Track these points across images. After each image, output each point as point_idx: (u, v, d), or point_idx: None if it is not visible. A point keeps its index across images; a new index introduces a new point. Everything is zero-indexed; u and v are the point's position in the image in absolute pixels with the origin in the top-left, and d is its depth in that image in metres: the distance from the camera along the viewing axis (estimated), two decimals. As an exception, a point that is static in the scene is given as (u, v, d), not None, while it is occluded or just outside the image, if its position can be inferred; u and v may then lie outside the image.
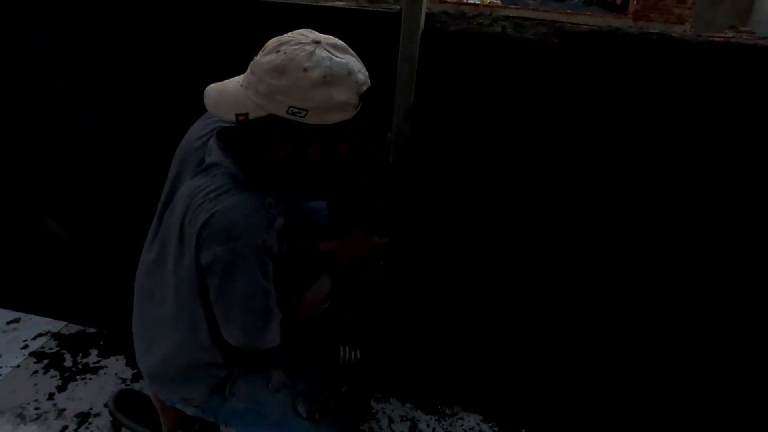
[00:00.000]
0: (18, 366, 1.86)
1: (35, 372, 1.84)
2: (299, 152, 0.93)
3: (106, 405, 1.64)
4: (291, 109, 0.85)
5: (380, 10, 1.31)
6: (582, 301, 1.45)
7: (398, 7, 1.23)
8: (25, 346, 1.95)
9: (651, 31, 1.17)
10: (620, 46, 1.16)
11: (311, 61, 0.84)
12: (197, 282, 0.94)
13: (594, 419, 1.57)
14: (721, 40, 1.14)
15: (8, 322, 2.06)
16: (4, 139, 1.79)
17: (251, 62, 0.89)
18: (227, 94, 0.90)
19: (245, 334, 0.96)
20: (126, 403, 1.54)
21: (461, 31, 1.22)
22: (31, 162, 1.81)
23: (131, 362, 1.86)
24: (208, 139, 1.00)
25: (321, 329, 1.14)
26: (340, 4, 1.37)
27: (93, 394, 1.76)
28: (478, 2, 10.35)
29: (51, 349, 1.94)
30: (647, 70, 1.17)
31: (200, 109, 0.95)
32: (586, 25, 1.24)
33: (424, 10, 1.19)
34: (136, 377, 1.82)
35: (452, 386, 1.73)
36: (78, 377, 1.82)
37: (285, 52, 0.85)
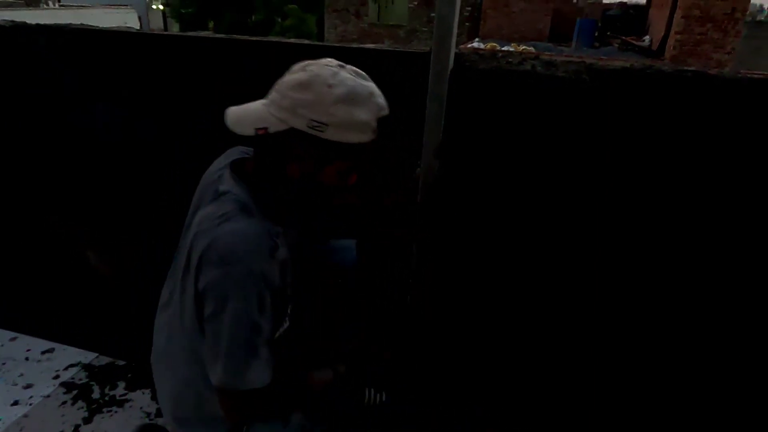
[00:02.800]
0: (48, 396, 1.89)
1: (64, 402, 1.86)
2: (314, 172, 0.93)
3: (128, 439, 1.63)
4: (312, 122, 0.87)
5: (410, 50, 1.34)
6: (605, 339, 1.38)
7: (428, 48, 1.25)
8: (57, 376, 1.98)
9: (687, 68, 1.15)
10: (654, 83, 1.14)
11: (335, 80, 0.88)
12: (197, 312, 0.93)
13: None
14: (761, 77, 1.11)
15: (43, 352, 2.11)
16: (40, 171, 1.88)
17: (275, 84, 0.92)
18: (248, 111, 0.92)
19: (225, 368, 0.89)
20: (148, 438, 1.53)
21: (491, 69, 1.23)
22: (72, 194, 1.89)
23: (156, 396, 1.86)
24: (222, 170, 1.03)
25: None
26: (370, 45, 1.41)
27: (118, 427, 1.76)
28: (512, 50, 10.57)
29: (81, 380, 1.96)
30: (682, 108, 1.14)
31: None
32: (618, 62, 1.23)
33: (453, 50, 1.21)
34: (160, 412, 1.81)
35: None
36: (104, 409, 1.83)
37: (311, 70, 0.89)
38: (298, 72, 0.90)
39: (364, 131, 0.90)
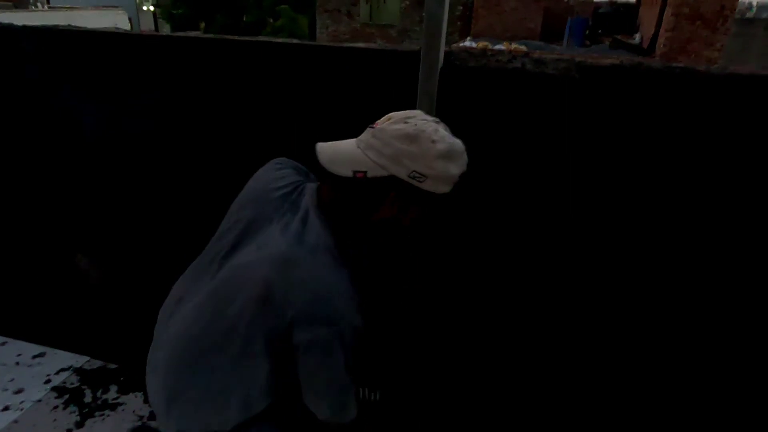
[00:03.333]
0: (39, 401, 1.87)
1: (55, 407, 1.84)
2: (399, 217, 0.99)
3: (121, 443, 1.62)
4: (413, 173, 0.93)
5: (400, 49, 1.34)
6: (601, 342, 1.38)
7: (418, 47, 1.25)
8: (48, 381, 1.96)
9: (675, 64, 1.16)
10: (644, 80, 1.15)
11: (438, 136, 0.94)
12: (273, 346, 0.96)
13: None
14: (749, 72, 1.11)
15: (34, 356, 2.09)
16: (35, 174, 1.86)
17: (373, 128, 0.96)
18: (342, 152, 0.97)
19: (333, 409, 0.99)
20: (140, 441, 1.52)
21: (480, 67, 1.23)
22: (62, 198, 1.87)
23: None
24: (290, 193, 1.04)
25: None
26: (362, 44, 1.41)
27: (110, 431, 1.74)
28: (504, 48, 10.60)
29: (72, 384, 1.95)
30: (672, 105, 1.15)
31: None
32: (608, 59, 1.23)
33: (443, 48, 1.21)
34: (153, 415, 1.79)
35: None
36: (96, 413, 1.82)
37: (416, 124, 0.94)
38: (401, 124, 0.95)
39: (451, 184, 0.97)
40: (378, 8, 14.39)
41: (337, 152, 0.97)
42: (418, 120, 0.96)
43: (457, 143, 0.97)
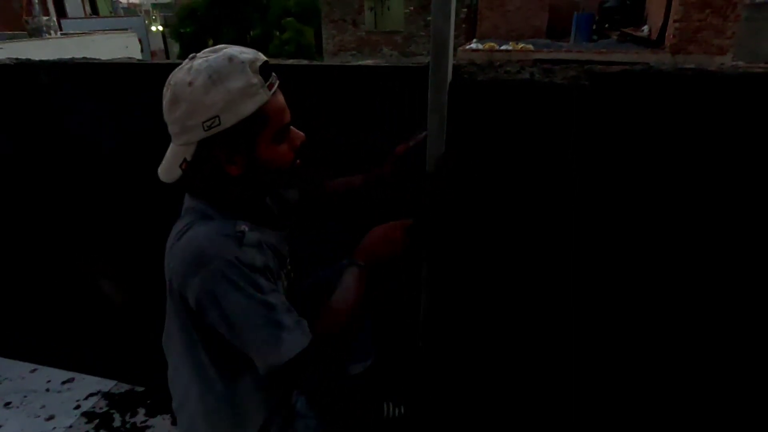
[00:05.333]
0: (70, 426, 1.90)
1: (86, 432, 1.87)
2: (249, 159, 0.91)
3: (151, 467, 1.64)
4: (205, 125, 0.85)
5: (408, 65, 1.35)
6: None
7: (426, 54, 1.25)
8: (78, 406, 1.99)
9: (686, 66, 1.14)
10: (655, 83, 1.14)
11: (190, 74, 0.85)
12: (195, 325, 0.94)
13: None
14: (762, 71, 1.10)
15: (63, 382, 2.13)
16: (58, 203, 1.90)
17: None
18: (166, 158, 0.93)
19: (260, 356, 0.88)
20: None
21: (489, 81, 1.23)
22: (86, 225, 1.91)
23: (176, 422, 1.87)
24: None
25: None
26: (369, 62, 1.42)
27: (140, 455, 1.77)
28: (510, 48, 10.57)
29: (101, 408, 1.98)
30: (685, 108, 1.14)
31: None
32: (621, 63, 1.23)
33: (450, 62, 1.21)
34: (182, 437, 1.82)
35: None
36: (126, 438, 1.84)
37: (170, 83, 0.88)
38: (165, 94, 0.89)
39: (253, 93, 0.86)
40: (382, 15, 14.46)
41: (164, 162, 0.93)
42: (172, 77, 0.88)
43: (218, 58, 0.85)
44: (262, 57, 0.89)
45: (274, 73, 0.91)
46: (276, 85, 0.92)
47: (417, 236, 1.09)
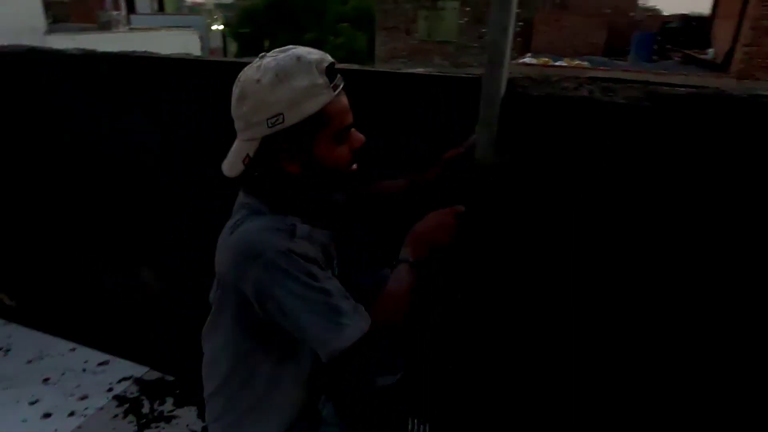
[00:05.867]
0: (101, 408, 1.95)
1: (116, 416, 1.91)
2: (309, 158, 0.92)
3: (174, 457, 1.65)
4: (269, 122, 0.86)
5: (460, 75, 1.31)
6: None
7: (479, 72, 1.22)
8: (110, 389, 2.04)
9: (762, 93, 1.06)
10: (725, 109, 1.06)
11: (260, 71, 0.87)
12: (246, 321, 0.95)
13: None
14: None
15: (98, 364, 2.19)
16: (104, 191, 1.96)
17: None
18: (231, 153, 0.95)
19: (322, 341, 0.87)
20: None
21: (545, 96, 1.18)
22: (132, 214, 1.96)
23: (203, 414, 1.88)
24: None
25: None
26: (420, 70, 1.39)
27: (164, 443, 1.79)
28: (565, 64, 10.34)
29: (132, 393, 2.02)
30: (759, 137, 1.05)
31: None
32: (683, 85, 1.15)
33: (505, 75, 1.17)
34: (206, 430, 1.83)
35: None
36: (152, 425, 1.87)
37: (239, 80, 0.90)
38: (234, 90, 0.91)
39: (316, 93, 0.87)
40: (436, 25, 14.46)
41: (229, 157, 0.95)
42: (241, 74, 0.90)
43: (287, 57, 0.87)
44: (329, 58, 0.90)
45: (339, 75, 0.93)
46: (341, 87, 0.93)
47: (465, 228, 1.08)
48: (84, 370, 2.15)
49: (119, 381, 2.09)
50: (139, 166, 1.86)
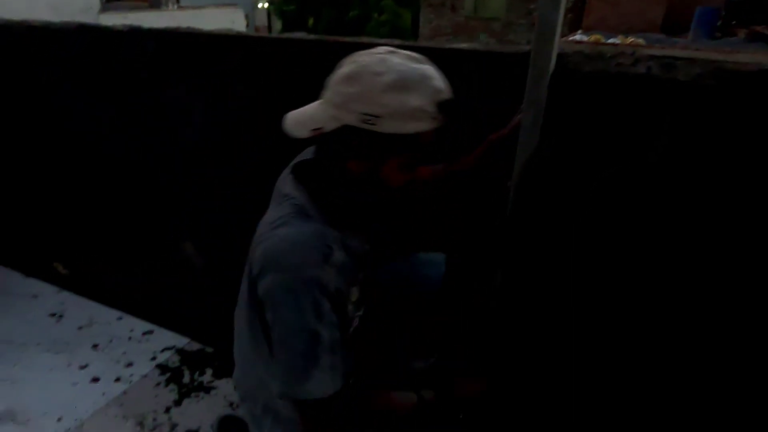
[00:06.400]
0: (145, 375, 2.03)
1: (158, 384, 1.99)
2: (374, 169, 0.87)
3: (211, 427, 1.70)
4: (363, 116, 0.81)
5: (507, 51, 1.25)
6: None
7: (524, 42, 1.15)
8: (154, 358, 2.12)
9: None
10: (801, 89, 0.96)
11: (384, 66, 0.82)
12: (258, 318, 0.94)
13: None
14: None
15: (143, 333, 2.28)
16: (151, 168, 2.00)
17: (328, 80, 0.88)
18: (305, 113, 0.89)
19: (283, 377, 0.88)
20: (227, 428, 1.58)
21: (598, 73, 1.10)
22: (174, 190, 2.00)
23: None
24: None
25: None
26: (464, 45, 1.33)
27: (203, 413, 1.85)
28: (618, 42, 9.83)
29: (174, 363, 2.09)
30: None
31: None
32: (752, 63, 1.05)
33: (555, 50, 1.09)
34: (242, 402, 1.88)
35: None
36: (192, 394, 1.93)
37: (358, 61, 0.84)
38: (347, 65, 0.85)
39: (421, 119, 0.83)
40: (483, 1, 14.02)
41: (301, 115, 0.89)
42: (363, 55, 0.84)
43: (415, 70, 0.82)
44: (449, 94, 0.87)
45: (447, 114, 0.88)
46: (441, 124, 0.89)
47: (500, 237, 1.03)
48: (130, 338, 2.24)
49: (162, 350, 2.16)
50: (184, 142, 1.89)
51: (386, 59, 0.83)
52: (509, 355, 1.46)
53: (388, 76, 0.81)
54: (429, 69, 0.85)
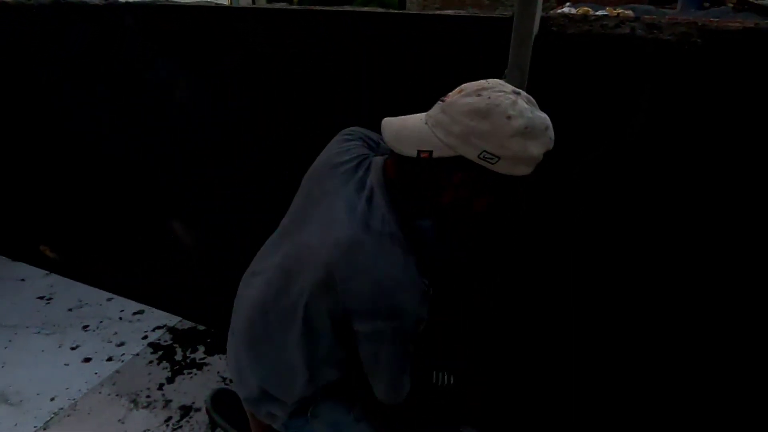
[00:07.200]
0: (137, 354, 2.03)
1: (151, 362, 1.99)
2: (469, 201, 0.90)
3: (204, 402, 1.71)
4: (484, 153, 0.82)
5: (491, 16, 1.23)
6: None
7: (510, 13, 1.13)
8: (145, 337, 2.12)
9: (829, 27, 0.95)
10: (786, 46, 0.96)
11: (515, 110, 0.82)
12: (334, 328, 0.95)
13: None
14: None
15: (134, 313, 2.27)
16: (137, 146, 1.97)
17: (443, 102, 0.87)
18: (409, 129, 0.88)
19: (388, 389, 1.00)
20: (222, 402, 1.59)
21: (582, 34, 1.09)
22: (160, 168, 1.98)
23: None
24: (356, 168, 0.98)
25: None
26: (449, 12, 1.31)
27: (196, 389, 1.85)
28: (606, 13, 9.76)
29: (166, 341, 2.09)
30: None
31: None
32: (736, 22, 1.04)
33: (539, 13, 1.08)
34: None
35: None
36: (185, 371, 1.94)
37: (489, 98, 0.83)
38: (473, 97, 0.83)
39: (531, 165, 0.85)
40: (471, -26, 13.78)
41: (403, 129, 0.88)
42: (492, 92, 0.83)
43: (539, 118, 0.84)
44: (553, 146, 0.88)
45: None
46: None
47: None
48: (120, 318, 2.24)
49: (154, 329, 2.16)
50: (166, 118, 1.85)
51: (516, 102, 0.82)
52: (508, 352, 1.47)
53: (518, 122, 0.81)
54: (547, 119, 0.86)
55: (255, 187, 1.76)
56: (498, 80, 0.87)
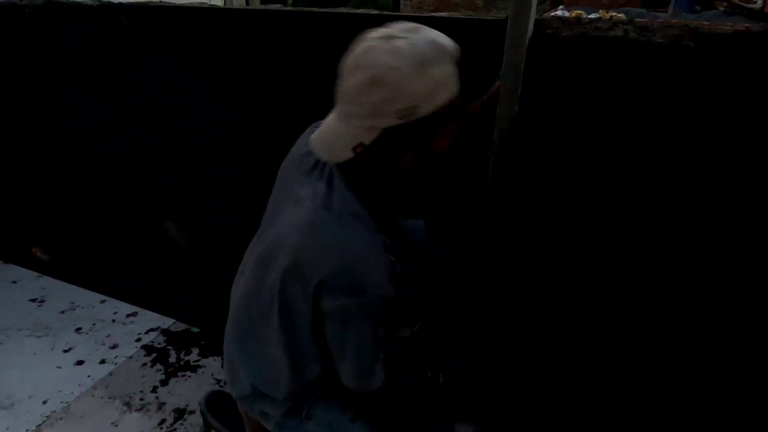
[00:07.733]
0: (131, 357, 2.02)
1: (144, 364, 1.98)
2: (427, 151, 0.88)
3: (199, 404, 1.70)
4: (400, 113, 0.80)
5: (485, 18, 1.23)
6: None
7: (504, 15, 1.14)
8: (139, 339, 2.11)
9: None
10: (776, 49, 0.97)
11: (395, 57, 0.78)
12: (307, 313, 0.93)
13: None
14: None
15: (127, 315, 2.26)
16: (130, 146, 1.96)
17: (337, 93, 0.85)
18: (332, 134, 0.87)
19: (354, 376, 0.96)
20: (216, 404, 1.59)
21: (575, 37, 1.10)
22: (154, 169, 1.97)
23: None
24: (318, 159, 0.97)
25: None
26: (443, 14, 1.31)
27: (190, 391, 1.85)
28: (599, 16, 9.83)
29: (159, 344, 2.08)
30: (813, 78, 0.96)
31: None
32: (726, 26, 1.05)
33: (533, 15, 1.09)
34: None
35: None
36: (179, 373, 1.93)
37: (367, 64, 0.80)
38: (356, 72, 0.81)
39: (449, 82, 0.82)
40: (465, -23, 13.83)
41: (328, 138, 0.88)
42: (365, 56, 0.80)
43: (424, 41, 0.80)
44: (457, 46, 0.85)
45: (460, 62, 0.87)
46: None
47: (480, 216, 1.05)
48: (113, 320, 2.22)
49: (147, 332, 2.15)
50: (162, 117, 1.85)
51: (392, 47, 0.79)
52: (506, 351, 1.48)
53: (407, 64, 0.78)
54: (429, 32, 0.83)
55: (253, 187, 1.75)
56: (363, 37, 0.83)
